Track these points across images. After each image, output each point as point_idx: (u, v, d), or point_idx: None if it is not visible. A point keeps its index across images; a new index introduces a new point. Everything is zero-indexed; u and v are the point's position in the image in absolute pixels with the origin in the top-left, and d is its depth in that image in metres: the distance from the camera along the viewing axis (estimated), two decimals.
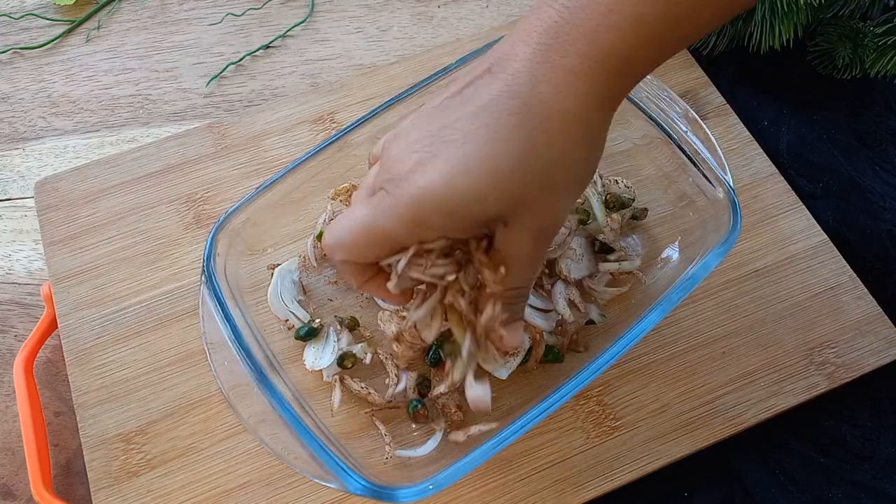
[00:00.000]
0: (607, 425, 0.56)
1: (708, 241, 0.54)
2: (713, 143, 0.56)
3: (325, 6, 0.81)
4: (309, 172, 0.55)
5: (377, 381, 0.56)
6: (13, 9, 0.81)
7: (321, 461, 0.44)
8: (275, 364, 0.51)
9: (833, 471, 0.57)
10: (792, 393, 0.57)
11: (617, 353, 0.47)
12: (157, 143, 0.68)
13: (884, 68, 0.67)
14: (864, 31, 0.68)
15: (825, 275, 0.62)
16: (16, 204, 0.70)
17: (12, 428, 0.59)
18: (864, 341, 0.59)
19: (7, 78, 0.77)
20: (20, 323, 0.64)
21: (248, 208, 0.53)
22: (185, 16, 0.81)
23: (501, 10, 0.80)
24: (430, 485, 0.43)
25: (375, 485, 0.43)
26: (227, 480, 0.54)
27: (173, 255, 0.63)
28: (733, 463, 0.57)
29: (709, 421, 0.56)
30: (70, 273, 0.62)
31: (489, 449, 0.44)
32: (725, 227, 0.52)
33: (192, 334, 0.59)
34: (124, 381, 0.58)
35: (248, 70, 0.77)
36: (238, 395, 0.48)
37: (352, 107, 0.69)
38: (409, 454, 0.53)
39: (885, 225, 0.67)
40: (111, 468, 0.55)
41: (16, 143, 0.73)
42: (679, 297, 0.49)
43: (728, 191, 0.53)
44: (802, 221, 0.64)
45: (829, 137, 0.72)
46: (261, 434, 0.47)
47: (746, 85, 0.74)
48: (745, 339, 0.59)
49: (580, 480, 0.54)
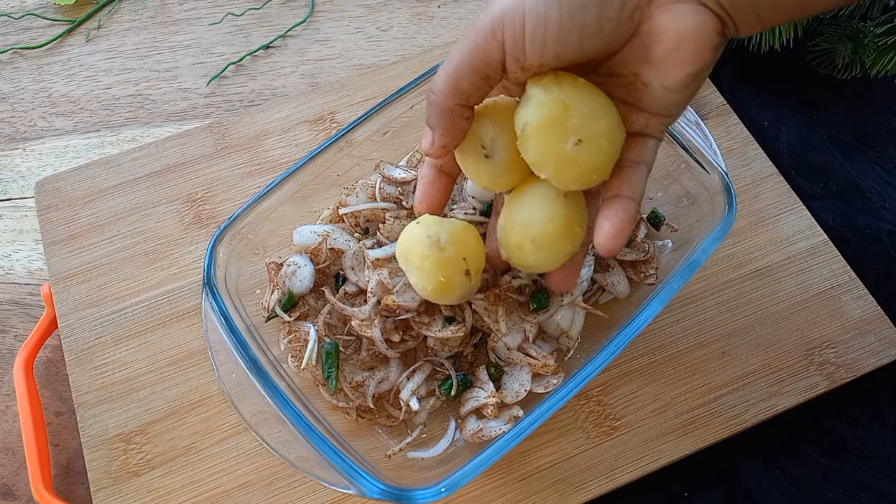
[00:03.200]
0: (607, 425, 0.56)
1: (706, 225, 0.54)
2: (703, 128, 0.56)
3: (325, 6, 0.81)
4: (309, 174, 0.55)
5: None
6: (13, 9, 0.81)
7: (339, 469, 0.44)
8: (276, 365, 0.51)
9: (833, 471, 0.57)
10: (792, 393, 0.57)
11: (626, 340, 0.48)
12: (158, 143, 0.68)
13: (884, 68, 0.67)
14: (864, 31, 0.68)
15: (825, 275, 0.62)
16: (16, 204, 0.70)
17: (12, 428, 0.60)
18: (864, 341, 0.59)
19: (7, 78, 0.77)
20: (20, 323, 0.64)
21: (249, 213, 0.53)
22: (185, 16, 0.81)
23: None
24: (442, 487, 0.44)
25: (393, 488, 0.43)
26: (227, 480, 0.54)
27: (173, 255, 0.63)
28: (733, 463, 0.57)
29: (709, 421, 0.56)
30: (70, 273, 0.62)
31: (498, 449, 0.45)
32: (721, 211, 0.53)
33: (193, 334, 0.59)
34: (124, 381, 0.58)
35: (248, 70, 0.77)
36: (238, 396, 0.48)
37: (352, 107, 0.69)
38: (421, 455, 0.53)
39: (885, 225, 0.67)
40: (111, 468, 0.55)
41: (16, 143, 0.73)
42: (681, 282, 0.50)
43: (721, 175, 0.53)
44: (802, 221, 0.64)
45: (829, 137, 0.72)
46: (283, 452, 0.47)
47: (746, 85, 0.74)
48: (745, 339, 0.59)
49: (580, 480, 0.54)
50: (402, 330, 0.53)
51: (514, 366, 0.54)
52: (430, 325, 0.52)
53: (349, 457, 0.45)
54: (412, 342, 0.54)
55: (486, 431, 0.52)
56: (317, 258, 0.56)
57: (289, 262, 0.56)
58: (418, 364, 0.54)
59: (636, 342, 0.52)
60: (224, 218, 0.64)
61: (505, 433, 0.48)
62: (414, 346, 0.55)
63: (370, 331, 0.52)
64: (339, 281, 0.57)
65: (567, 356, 0.56)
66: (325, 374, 0.53)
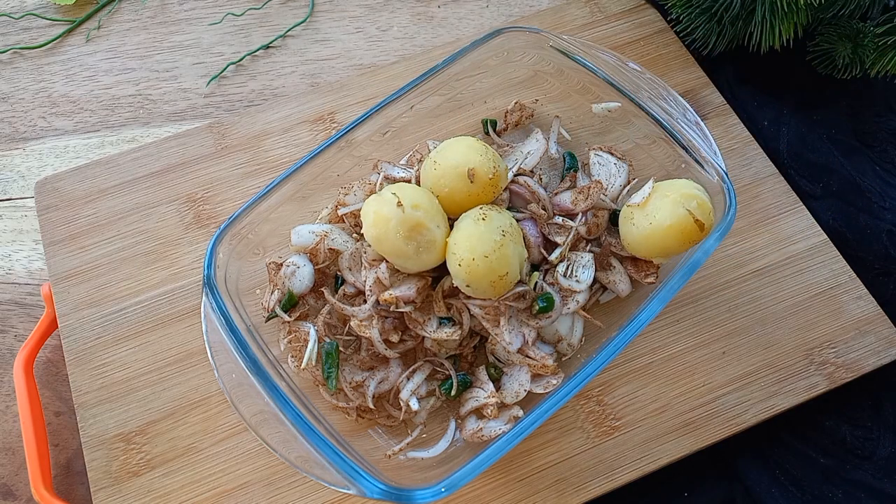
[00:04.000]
0: (607, 425, 0.56)
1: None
2: (703, 128, 0.56)
3: (325, 6, 0.81)
4: (309, 174, 0.55)
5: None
6: (13, 9, 0.81)
7: (339, 469, 0.44)
8: (276, 365, 0.51)
9: (833, 471, 0.57)
10: (792, 393, 0.57)
11: (626, 340, 0.48)
12: (158, 143, 0.68)
13: (884, 68, 0.67)
14: (864, 31, 0.68)
15: (825, 275, 0.62)
16: (16, 204, 0.70)
17: (12, 428, 0.59)
18: (864, 341, 0.59)
19: (7, 78, 0.77)
20: (20, 323, 0.64)
21: (249, 213, 0.53)
22: (185, 16, 0.81)
23: (501, 10, 0.80)
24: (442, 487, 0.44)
25: (393, 488, 0.43)
26: (227, 480, 0.54)
27: (173, 255, 0.63)
28: (733, 463, 0.57)
29: (709, 421, 0.56)
30: (70, 273, 0.62)
31: (498, 449, 0.45)
32: (721, 211, 0.53)
33: (192, 334, 0.59)
34: (124, 381, 0.58)
35: (248, 70, 0.77)
36: (238, 396, 0.48)
37: (352, 107, 0.69)
38: (421, 455, 0.53)
39: (885, 225, 0.67)
40: (111, 468, 0.55)
41: (16, 143, 0.73)
42: (681, 282, 0.50)
43: (722, 175, 0.53)
44: (802, 221, 0.64)
45: (829, 137, 0.72)
46: (283, 452, 0.47)
47: (746, 85, 0.74)
48: (745, 339, 0.59)
49: (580, 480, 0.54)
50: (400, 330, 0.53)
51: (514, 366, 0.54)
52: (425, 325, 0.53)
53: (349, 457, 0.45)
54: (411, 342, 0.54)
55: (485, 431, 0.52)
56: (316, 258, 0.56)
57: (288, 262, 0.56)
58: (418, 364, 0.54)
59: (636, 342, 0.52)
60: (224, 218, 0.64)
61: (505, 433, 0.48)
62: (413, 346, 0.55)
63: (369, 331, 0.52)
64: (339, 282, 0.57)
65: (566, 357, 0.56)
66: (325, 374, 0.53)
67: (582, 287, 0.55)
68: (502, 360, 0.55)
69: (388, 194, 0.50)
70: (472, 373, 0.55)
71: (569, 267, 0.56)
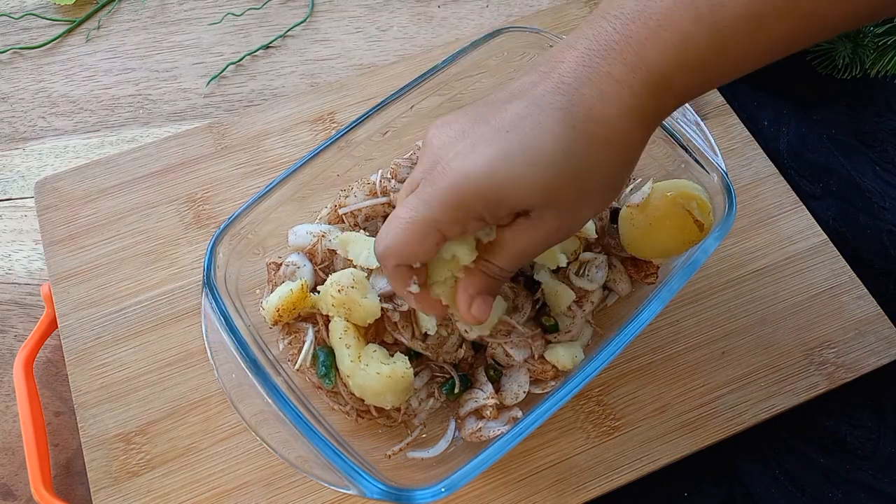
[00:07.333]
0: (607, 425, 0.56)
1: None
2: (703, 128, 0.56)
3: (325, 6, 0.81)
4: (309, 174, 0.55)
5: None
6: (13, 9, 0.81)
7: (339, 469, 0.44)
8: (276, 365, 0.51)
9: (833, 471, 0.57)
10: (792, 393, 0.57)
11: (626, 340, 0.48)
12: (157, 143, 0.68)
13: (884, 68, 0.67)
14: (864, 31, 0.68)
15: (825, 275, 0.62)
16: (16, 204, 0.70)
17: (12, 428, 0.59)
18: (864, 341, 0.59)
19: (7, 78, 0.77)
20: (20, 323, 0.64)
21: (249, 213, 0.53)
22: (185, 16, 0.80)
23: (501, 10, 0.80)
24: (442, 487, 0.44)
25: (393, 488, 0.43)
26: (227, 480, 0.54)
27: (173, 255, 0.63)
28: (733, 463, 0.57)
29: (709, 421, 0.56)
30: (70, 273, 0.62)
31: (498, 449, 0.45)
32: (721, 211, 0.53)
33: (192, 334, 0.59)
34: (124, 381, 0.58)
35: (248, 70, 0.77)
36: (238, 396, 0.48)
37: (352, 107, 0.69)
38: (421, 455, 0.53)
39: (885, 225, 0.67)
40: (111, 468, 0.55)
41: (16, 143, 0.73)
42: (681, 282, 0.50)
43: (721, 175, 0.53)
44: (802, 221, 0.64)
45: (829, 137, 0.72)
46: (283, 452, 0.47)
47: (746, 85, 0.74)
48: (745, 339, 0.59)
49: (580, 480, 0.54)
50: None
51: (513, 368, 0.54)
52: (403, 330, 0.52)
53: (349, 457, 0.44)
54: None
55: (485, 432, 0.52)
56: (314, 258, 0.56)
57: (287, 262, 0.56)
58: (418, 368, 0.54)
59: (636, 342, 0.52)
60: (224, 218, 0.63)
61: (504, 434, 0.48)
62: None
63: None
64: None
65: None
66: (320, 374, 0.52)
67: (594, 286, 0.56)
68: (502, 364, 0.55)
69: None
70: (472, 374, 0.55)
71: (581, 266, 0.56)
